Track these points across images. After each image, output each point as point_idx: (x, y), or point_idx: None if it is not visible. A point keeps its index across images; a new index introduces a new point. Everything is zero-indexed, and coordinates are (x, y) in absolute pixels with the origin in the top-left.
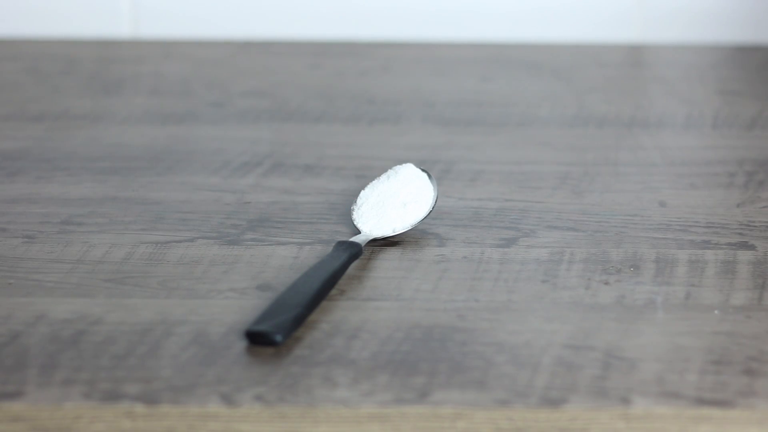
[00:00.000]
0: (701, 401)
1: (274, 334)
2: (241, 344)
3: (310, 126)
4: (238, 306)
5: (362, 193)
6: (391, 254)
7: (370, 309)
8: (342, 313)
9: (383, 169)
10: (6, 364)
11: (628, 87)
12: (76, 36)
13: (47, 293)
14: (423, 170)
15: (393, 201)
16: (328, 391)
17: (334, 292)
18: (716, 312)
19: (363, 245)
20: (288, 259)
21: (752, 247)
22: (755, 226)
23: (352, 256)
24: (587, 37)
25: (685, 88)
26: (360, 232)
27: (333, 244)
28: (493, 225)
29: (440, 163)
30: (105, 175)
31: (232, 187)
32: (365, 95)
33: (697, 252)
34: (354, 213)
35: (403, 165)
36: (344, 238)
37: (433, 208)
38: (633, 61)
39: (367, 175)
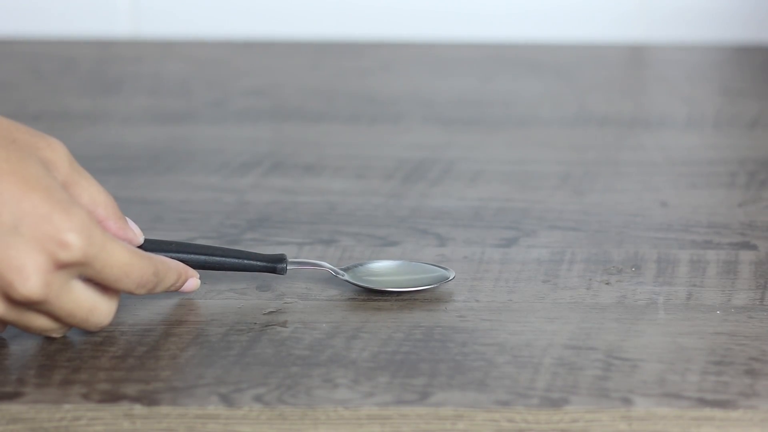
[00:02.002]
0: (703, 402)
1: None
2: (241, 345)
3: (310, 126)
4: (237, 306)
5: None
6: (391, 254)
7: (370, 309)
8: (342, 313)
9: (383, 169)
10: (4, 364)
11: (630, 86)
12: (75, 35)
13: None
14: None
15: None
16: (328, 392)
17: (334, 292)
18: (718, 312)
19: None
20: None
21: (754, 247)
22: (757, 226)
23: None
24: (588, 36)
25: (687, 87)
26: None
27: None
28: (493, 225)
29: (440, 163)
30: (104, 175)
31: (232, 187)
32: (365, 95)
33: (698, 252)
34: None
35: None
36: (343, 239)
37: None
38: (634, 60)
39: (367, 175)
